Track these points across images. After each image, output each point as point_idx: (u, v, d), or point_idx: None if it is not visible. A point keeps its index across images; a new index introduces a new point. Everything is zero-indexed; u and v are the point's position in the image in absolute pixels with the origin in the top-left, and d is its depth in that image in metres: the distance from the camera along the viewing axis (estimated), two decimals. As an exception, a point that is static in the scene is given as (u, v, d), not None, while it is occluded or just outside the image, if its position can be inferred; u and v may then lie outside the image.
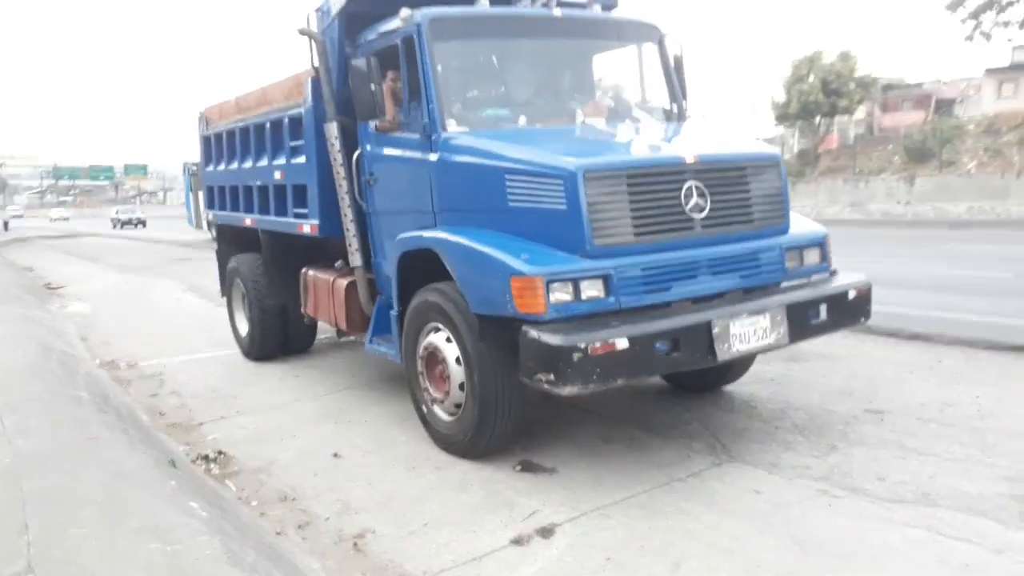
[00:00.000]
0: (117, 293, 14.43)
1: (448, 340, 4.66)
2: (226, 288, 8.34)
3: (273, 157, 6.78)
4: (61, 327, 10.44)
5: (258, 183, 7.17)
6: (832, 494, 3.93)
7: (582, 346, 3.74)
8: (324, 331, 8.08)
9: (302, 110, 6.08)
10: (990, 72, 39.54)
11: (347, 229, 5.70)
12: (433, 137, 4.77)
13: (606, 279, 4.05)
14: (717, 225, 4.41)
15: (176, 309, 12.07)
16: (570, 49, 5.46)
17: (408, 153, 5.05)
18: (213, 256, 9.20)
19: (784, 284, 4.68)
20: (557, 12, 5.26)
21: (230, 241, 8.60)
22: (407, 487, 4.46)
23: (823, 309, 4.55)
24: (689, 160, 4.35)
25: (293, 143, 6.37)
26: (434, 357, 4.80)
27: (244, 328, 8.07)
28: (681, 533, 3.65)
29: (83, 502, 3.81)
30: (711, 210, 4.37)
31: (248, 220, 7.53)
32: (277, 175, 6.70)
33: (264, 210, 7.14)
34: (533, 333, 3.88)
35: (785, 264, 4.67)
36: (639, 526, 3.74)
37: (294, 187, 6.44)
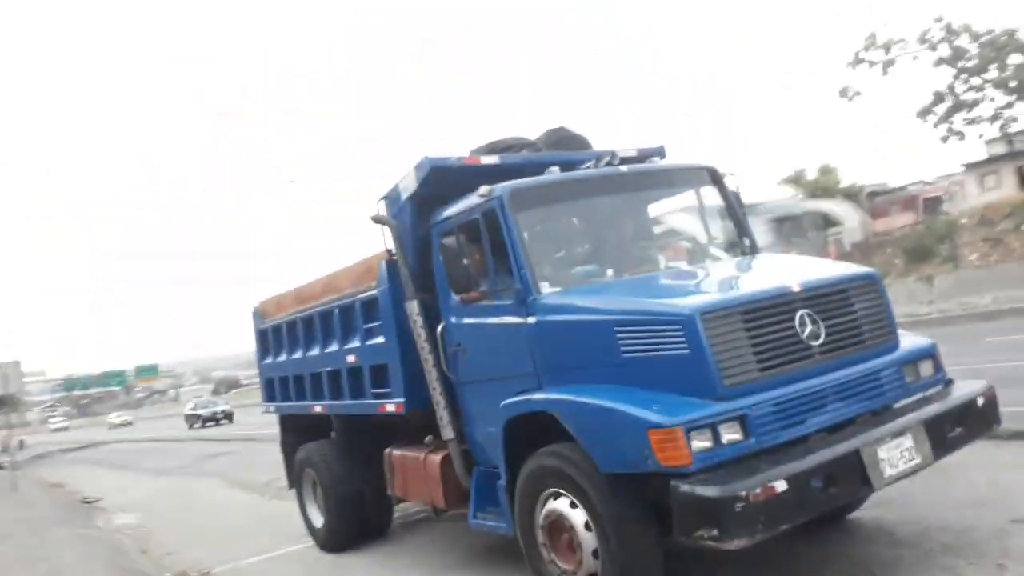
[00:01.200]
0: (161, 499, 14.09)
1: (573, 505, 4.47)
2: (294, 479, 8.13)
3: (344, 341, 6.80)
4: (117, 543, 10.13)
5: (328, 369, 7.15)
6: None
7: (743, 494, 3.58)
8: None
9: (376, 292, 6.15)
10: (969, 167, 40.76)
11: (436, 402, 5.62)
12: (528, 300, 4.79)
13: (743, 420, 3.94)
14: (834, 350, 4.35)
15: (227, 508, 11.77)
16: (639, 200, 5.58)
17: (500, 320, 5.06)
18: (247, 448, 9.09)
19: (906, 401, 4.57)
20: (624, 169, 5.43)
21: (294, 431, 8.49)
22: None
23: (958, 421, 4.42)
24: (795, 288, 4.35)
25: (367, 325, 6.40)
26: (558, 525, 4.59)
27: (318, 518, 7.81)
28: None
29: None
30: (826, 335, 4.32)
31: (318, 407, 7.46)
32: (350, 358, 6.69)
33: (336, 395, 7.09)
34: (685, 487, 3.72)
35: (905, 380, 4.58)
36: None
37: (371, 368, 6.41)
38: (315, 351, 7.40)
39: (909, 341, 4.81)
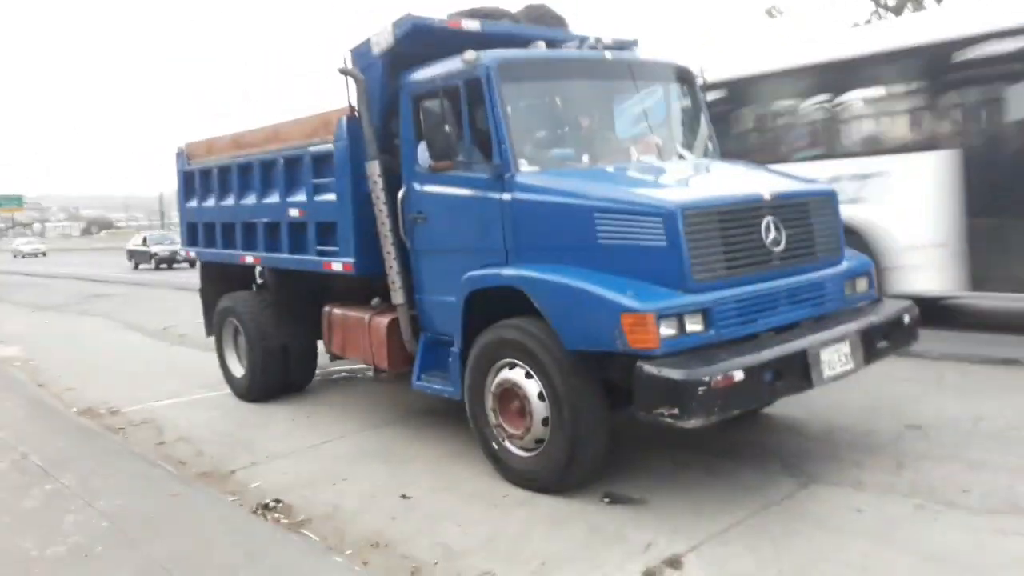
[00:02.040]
0: (46, 334, 13.55)
1: (528, 376, 4.68)
2: (214, 328, 8.02)
3: (288, 194, 6.64)
4: (8, 374, 9.79)
5: (264, 220, 6.98)
6: (931, 509, 4.17)
7: (706, 379, 3.85)
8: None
9: (332, 147, 5.99)
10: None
11: (390, 267, 5.65)
12: (506, 177, 4.81)
13: (706, 313, 4.19)
14: (791, 257, 4.63)
15: (125, 349, 11.48)
16: (617, 90, 5.61)
17: (471, 192, 5.07)
18: (134, 291, 8.86)
19: (843, 311, 4.94)
20: (608, 56, 5.43)
21: (215, 279, 8.32)
22: (501, 525, 4.43)
23: (886, 334, 4.84)
24: (766, 196, 4.57)
25: (317, 181, 6.26)
26: (510, 393, 4.81)
27: (239, 369, 7.80)
28: (810, 555, 3.78)
29: (232, 567, 3.67)
30: (786, 243, 4.59)
31: (249, 258, 7.32)
32: (294, 212, 6.56)
33: (272, 248, 6.96)
34: (651, 368, 3.96)
35: (844, 292, 4.94)
36: (764, 551, 3.86)
37: (318, 225, 6.31)
38: (250, 200, 7.19)
39: (850, 257, 5.15)
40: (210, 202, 7.88)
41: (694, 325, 4.15)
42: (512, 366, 4.78)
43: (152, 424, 7.14)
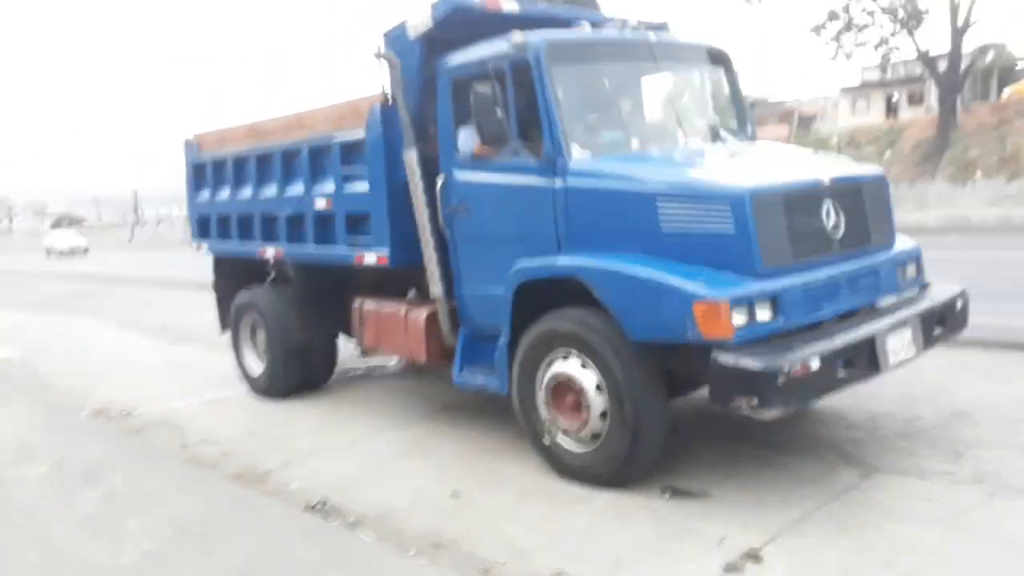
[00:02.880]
0: (39, 335, 13.22)
1: (584, 367, 4.60)
2: (230, 324, 7.85)
3: (313, 185, 6.48)
4: (12, 376, 9.54)
5: (287, 212, 6.82)
6: (1001, 496, 4.16)
7: (786, 369, 3.80)
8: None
9: (364, 136, 5.85)
10: (845, 91, 42.79)
11: (428, 258, 5.53)
12: (558, 163, 4.71)
13: (774, 300, 4.13)
14: (849, 243, 4.59)
15: (124, 348, 11.21)
16: (660, 73, 5.52)
17: (519, 179, 4.96)
18: (118, 289, 8.65)
19: (896, 298, 4.91)
20: (652, 37, 5.34)
21: (229, 274, 8.14)
22: (564, 522, 4.35)
23: (941, 320, 4.82)
24: (826, 181, 4.52)
25: (347, 171, 6.11)
26: (564, 386, 4.71)
27: (257, 366, 7.63)
28: (890, 546, 3.74)
29: (312, 569, 3.64)
30: (845, 228, 4.54)
31: (270, 251, 7.14)
32: (321, 203, 6.40)
33: (296, 240, 6.80)
34: (728, 359, 3.89)
35: (897, 278, 4.91)
36: (841, 543, 3.82)
37: (348, 215, 6.17)
38: (270, 191, 7.01)
39: (900, 243, 5.12)
40: (224, 194, 7.69)
41: (763, 313, 4.09)
42: (567, 358, 4.69)
43: (171, 425, 6.96)
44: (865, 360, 4.24)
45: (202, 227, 8.19)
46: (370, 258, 5.96)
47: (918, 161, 30.20)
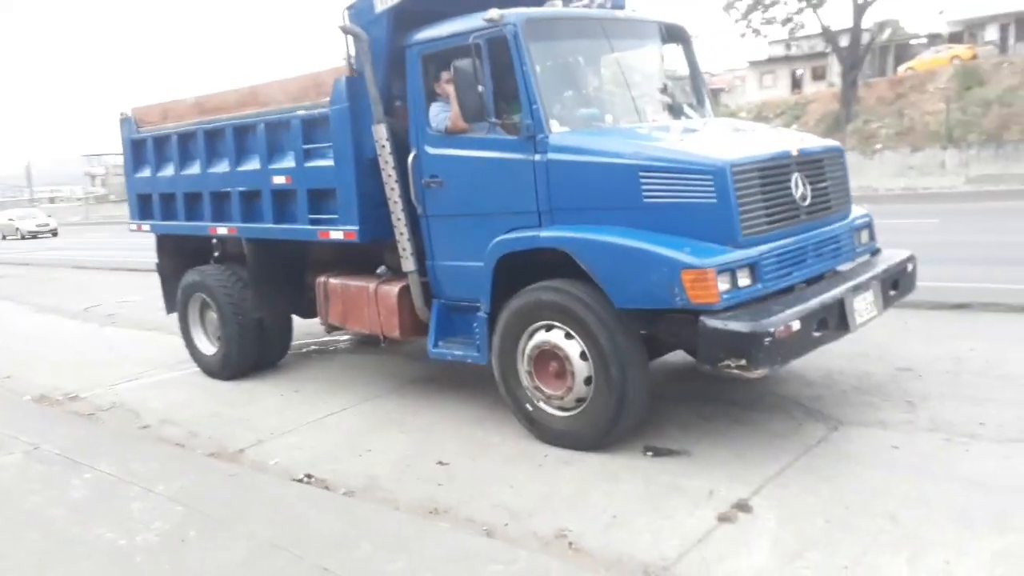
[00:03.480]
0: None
1: (568, 337, 4.73)
2: (178, 304, 7.64)
3: (270, 161, 6.36)
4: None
5: (241, 189, 6.68)
6: (957, 442, 4.50)
7: (771, 330, 4.01)
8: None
9: (328, 111, 5.78)
10: (752, 65, 44.07)
11: (400, 233, 5.55)
12: (538, 138, 4.79)
13: (753, 267, 4.34)
14: (813, 211, 4.85)
15: (49, 333, 10.77)
16: (629, 48, 5.65)
17: (496, 154, 5.02)
18: (30, 272, 8.36)
19: (852, 264, 5.21)
20: (619, 13, 5.46)
21: (174, 254, 7.92)
22: (554, 484, 4.49)
23: (894, 283, 5.15)
24: (794, 152, 4.75)
25: (308, 146, 6.03)
26: (548, 355, 4.84)
27: (208, 346, 7.50)
28: (866, 491, 4.02)
29: (345, 539, 3.78)
30: (811, 198, 4.80)
31: (222, 229, 6.99)
32: (279, 179, 6.29)
33: (252, 218, 6.68)
34: (716, 322, 4.09)
35: (854, 244, 5.21)
36: (822, 491, 4.07)
37: (310, 192, 6.09)
38: (221, 168, 6.84)
39: (855, 211, 5.43)
40: (167, 171, 7.45)
41: (744, 279, 4.29)
42: (550, 328, 4.81)
43: (123, 408, 6.79)
44: (835, 321, 4.51)
45: (143, 206, 7.92)
46: (336, 234, 5.92)
47: (823, 133, 31.29)
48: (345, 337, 8.73)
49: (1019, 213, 15.51)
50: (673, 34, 5.85)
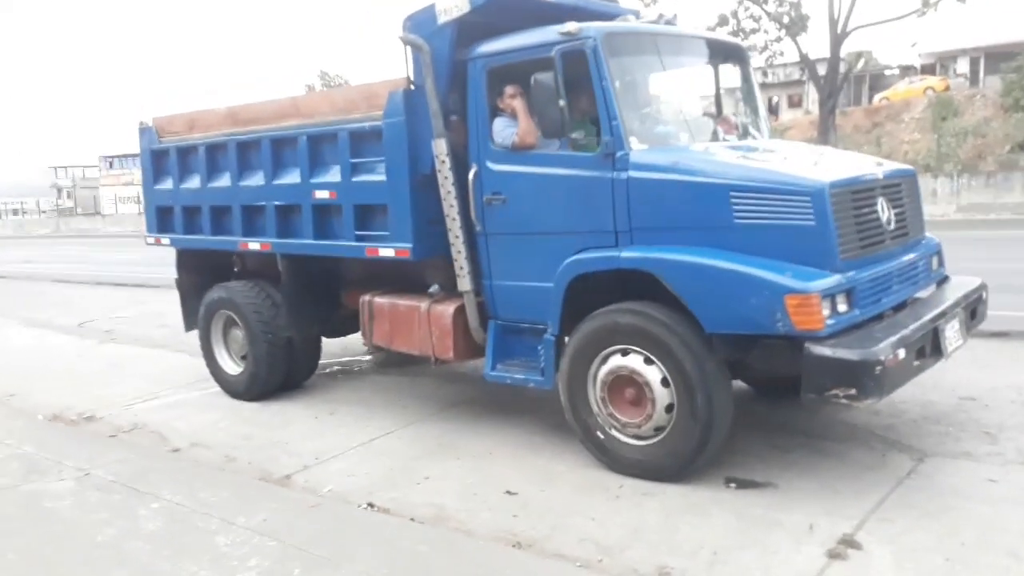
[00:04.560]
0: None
1: (648, 362, 4.54)
2: (199, 321, 7.32)
3: (312, 174, 6.12)
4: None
5: (277, 203, 6.42)
6: (1055, 474, 4.40)
7: (882, 359, 3.86)
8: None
9: (382, 124, 5.56)
10: (727, 91, 44.44)
11: (459, 252, 5.33)
12: (618, 155, 4.63)
13: (850, 292, 4.20)
14: (897, 236, 4.74)
15: (46, 350, 10.29)
16: (696, 67, 5.54)
17: (568, 171, 4.86)
18: (12, 284, 7.96)
19: (930, 291, 5.10)
20: (691, 32, 5.36)
21: (195, 270, 7.61)
22: (639, 517, 4.28)
23: (973, 311, 5.05)
24: (880, 176, 4.65)
25: (356, 160, 5.80)
26: (624, 380, 4.65)
27: (232, 365, 7.19)
28: (978, 527, 3.87)
29: None
30: (895, 222, 4.69)
31: (254, 244, 6.71)
32: (322, 194, 6.05)
33: (290, 233, 6.42)
34: (825, 350, 3.93)
35: (931, 270, 5.11)
36: (931, 526, 3.92)
37: (357, 207, 5.86)
38: (255, 181, 6.57)
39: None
40: (192, 183, 7.15)
41: (842, 305, 4.15)
42: (626, 352, 4.63)
43: (146, 429, 6.46)
44: (931, 349, 4.38)
45: (162, 219, 7.60)
46: (387, 251, 5.69)
47: (803, 160, 31.79)
48: (367, 357, 8.48)
49: (1013, 241, 15.73)
50: (733, 53, 5.75)
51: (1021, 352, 7.05)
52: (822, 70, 32.42)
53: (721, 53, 5.65)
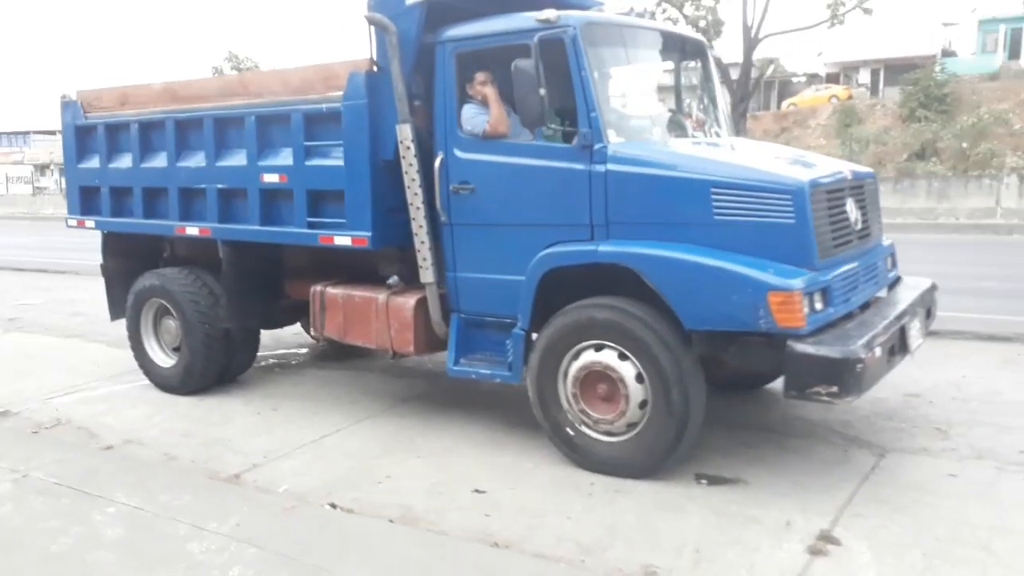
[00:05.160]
0: None
1: (623, 358, 4.48)
2: (127, 310, 6.88)
3: (260, 156, 5.80)
4: None
5: (220, 186, 6.07)
6: (1009, 471, 4.54)
7: (863, 356, 3.90)
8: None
9: (340, 106, 5.31)
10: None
11: (422, 242, 5.15)
12: (596, 147, 4.54)
13: (826, 291, 4.24)
14: (863, 237, 4.82)
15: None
16: (668, 63, 5.48)
17: (543, 162, 4.75)
18: None
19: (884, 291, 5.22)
20: (663, 27, 5.31)
21: (120, 254, 7.15)
22: (614, 515, 4.21)
23: (928, 310, 5.19)
24: (849, 176, 4.71)
25: (310, 143, 5.53)
26: (597, 376, 4.57)
27: (164, 357, 6.79)
28: (949, 521, 3.95)
29: None
30: (861, 223, 4.76)
31: (192, 229, 6.33)
32: (272, 177, 5.75)
33: (233, 218, 6.09)
34: (807, 348, 3.94)
35: (888, 270, 5.22)
36: (903, 521, 3.98)
37: (310, 192, 5.59)
38: (195, 162, 6.20)
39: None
40: (123, 162, 6.70)
41: (818, 303, 4.18)
42: (600, 348, 4.55)
43: (71, 425, 6.03)
44: (899, 346, 4.47)
45: (87, 200, 7.10)
46: (342, 240, 5.44)
47: (717, 161, 32.60)
48: (304, 350, 8.18)
49: (921, 244, 16.49)
50: (699, 50, 5.74)
51: (951, 349, 7.31)
52: (735, 74, 33.37)
53: (688, 49, 5.63)
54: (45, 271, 15.40)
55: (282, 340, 8.38)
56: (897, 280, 5.47)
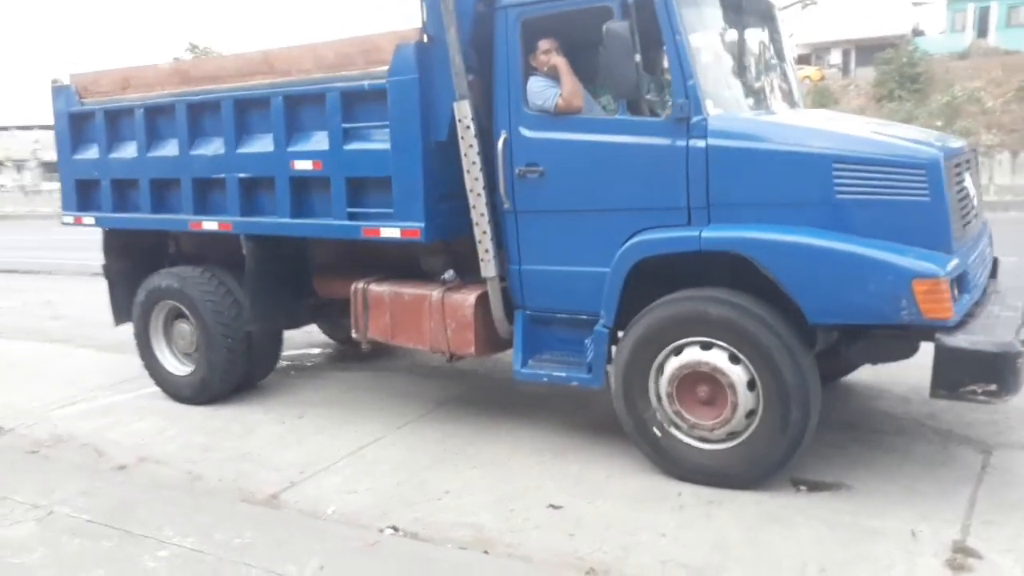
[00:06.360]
0: None
1: (734, 360, 4.03)
2: (136, 313, 6.30)
3: (290, 141, 5.28)
4: None
5: (242, 175, 5.54)
6: None
7: (1022, 350, 3.53)
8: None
9: (383, 82, 4.81)
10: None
11: (484, 231, 4.67)
12: (695, 120, 4.08)
13: (962, 277, 3.87)
14: (976, 217, 4.44)
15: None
16: (753, 28, 4.97)
17: (628, 138, 4.27)
18: None
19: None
20: None
21: (124, 253, 6.57)
22: (718, 531, 3.79)
23: None
24: (966, 148, 4.36)
25: (349, 125, 5.03)
26: (700, 377, 4.12)
27: (178, 365, 6.25)
28: (1089, 526, 3.64)
29: None
30: (976, 201, 4.41)
31: (210, 224, 5.77)
32: (305, 164, 5.22)
33: (258, 210, 5.56)
34: (961, 342, 3.57)
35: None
36: (1043, 525, 3.66)
37: (349, 180, 5.09)
38: (212, 149, 5.63)
39: None
40: (127, 152, 6.10)
41: (954, 291, 3.78)
42: (708, 347, 4.09)
43: (75, 443, 5.48)
44: None
45: (84, 194, 6.49)
46: (390, 232, 4.93)
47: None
48: (316, 350, 7.67)
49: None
50: (776, 16, 5.24)
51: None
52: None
53: (764, 12, 5.13)
54: (15, 271, 14.63)
55: (291, 340, 7.83)
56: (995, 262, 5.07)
